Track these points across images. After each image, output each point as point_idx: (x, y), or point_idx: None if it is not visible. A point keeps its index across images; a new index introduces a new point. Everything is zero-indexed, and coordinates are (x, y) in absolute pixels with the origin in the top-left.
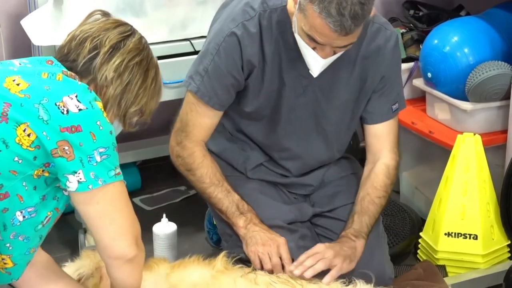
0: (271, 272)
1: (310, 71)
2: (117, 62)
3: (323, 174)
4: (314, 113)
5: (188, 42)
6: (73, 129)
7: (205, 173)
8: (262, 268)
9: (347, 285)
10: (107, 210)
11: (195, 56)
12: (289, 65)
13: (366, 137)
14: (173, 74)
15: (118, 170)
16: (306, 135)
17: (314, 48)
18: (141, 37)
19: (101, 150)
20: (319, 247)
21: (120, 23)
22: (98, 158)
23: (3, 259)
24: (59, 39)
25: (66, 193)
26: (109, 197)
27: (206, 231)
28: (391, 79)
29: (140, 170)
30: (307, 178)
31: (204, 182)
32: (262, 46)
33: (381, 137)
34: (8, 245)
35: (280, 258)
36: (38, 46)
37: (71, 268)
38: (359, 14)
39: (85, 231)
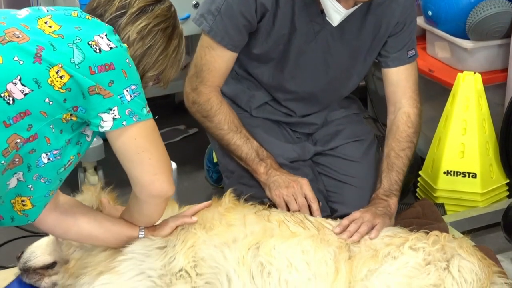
0: None
1: (328, 19)
2: (142, 25)
3: (326, 113)
4: (324, 59)
5: None
6: (106, 67)
7: (223, 119)
8: (288, 211)
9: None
10: (145, 144)
11: None
12: (302, 10)
13: (386, 87)
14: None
15: (148, 107)
16: (313, 80)
17: None
18: (171, 6)
19: (133, 87)
20: (356, 214)
21: None
22: (130, 96)
23: (22, 200)
24: None
25: (88, 139)
26: (144, 132)
27: (205, 170)
28: (406, 25)
29: None
30: (312, 117)
31: (222, 129)
32: None
33: (399, 85)
34: (30, 186)
35: (305, 198)
36: None
37: None
38: None
39: (84, 170)
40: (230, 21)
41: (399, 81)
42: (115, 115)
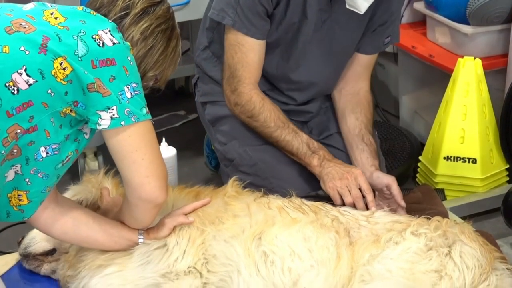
0: (353, 205)
1: (351, 8)
2: (144, 26)
3: (321, 102)
4: (329, 48)
5: None
6: (108, 62)
7: (269, 116)
8: (342, 203)
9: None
10: (139, 144)
11: None
12: None
13: (353, 65)
14: None
15: (147, 108)
16: (319, 69)
17: None
18: (170, 7)
19: (134, 85)
20: (392, 180)
21: None
22: (131, 94)
23: (19, 195)
24: None
25: (86, 137)
26: (141, 132)
27: (205, 156)
28: (395, 15)
29: None
30: (308, 105)
31: (269, 127)
32: None
33: (367, 67)
34: (27, 180)
35: (360, 189)
36: None
37: (69, 193)
38: None
39: (84, 155)
40: (250, 11)
41: (368, 65)
42: (114, 114)
